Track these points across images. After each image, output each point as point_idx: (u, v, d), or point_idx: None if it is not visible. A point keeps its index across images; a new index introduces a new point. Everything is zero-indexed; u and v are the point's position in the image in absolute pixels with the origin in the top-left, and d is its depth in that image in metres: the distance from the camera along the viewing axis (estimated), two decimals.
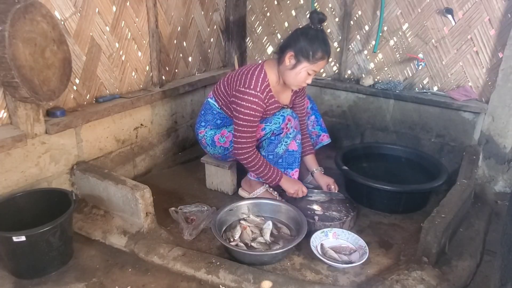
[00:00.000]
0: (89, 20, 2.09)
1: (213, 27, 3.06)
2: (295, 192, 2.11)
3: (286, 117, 2.02)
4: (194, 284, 1.68)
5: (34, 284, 1.65)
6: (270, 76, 2.00)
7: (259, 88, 1.94)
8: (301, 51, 1.89)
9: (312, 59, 1.89)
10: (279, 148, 2.07)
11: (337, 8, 2.85)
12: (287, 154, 2.11)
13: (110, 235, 1.92)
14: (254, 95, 1.92)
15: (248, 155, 2.00)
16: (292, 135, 2.06)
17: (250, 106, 1.92)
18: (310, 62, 1.90)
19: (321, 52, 1.89)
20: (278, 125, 2.02)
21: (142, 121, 2.51)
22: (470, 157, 2.36)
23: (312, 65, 1.91)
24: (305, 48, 1.88)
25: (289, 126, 2.03)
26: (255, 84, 1.94)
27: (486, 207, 2.29)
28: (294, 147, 2.11)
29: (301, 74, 1.93)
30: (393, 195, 2.19)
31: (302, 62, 1.90)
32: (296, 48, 1.90)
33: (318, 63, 1.91)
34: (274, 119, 2.03)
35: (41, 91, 1.72)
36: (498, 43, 2.38)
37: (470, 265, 1.81)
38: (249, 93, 1.92)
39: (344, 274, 1.74)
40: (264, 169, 2.04)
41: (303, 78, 1.95)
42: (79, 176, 2.08)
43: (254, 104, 1.92)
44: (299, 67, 1.92)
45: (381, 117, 2.84)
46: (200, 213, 2.09)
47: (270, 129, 2.03)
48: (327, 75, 3.06)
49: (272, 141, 2.07)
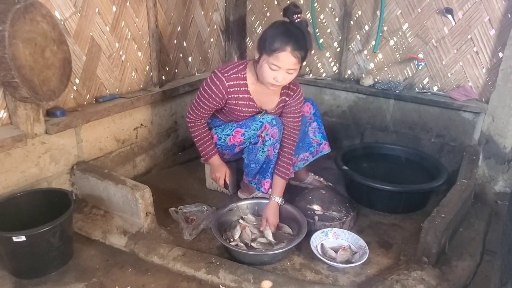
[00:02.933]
0: (89, 20, 2.09)
1: (213, 27, 3.06)
2: (214, 179, 2.16)
3: (264, 124, 1.97)
4: (194, 284, 1.68)
5: (34, 284, 1.65)
6: (249, 72, 1.96)
7: (227, 75, 1.91)
8: (261, 43, 1.80)
9: (268, 50, 1.74)
10: (259, 155, 2.03)
11: (337, 8, 2.85)
12: (267, 161, 2.04)
13: (110, 235, 1.92)
14: (219, 78, 1.91)
15: (193, 125, 2.07)
16: (268, 143, 1.98)
17: (210, 85, 1.92)
18: (268, 53, 1.75)
19: (279, 42, 1.71)
20: (255, 131, 1.99)
21: (142, 121, 2.51)
22: (470, 157, 2.36)
23: (270, 57, 1.75)
24: (264, 39, 1.78)
25: (264, 135, 1.97)
26: (227, 70, 1.93)
27: (486, 207, 2.28)
28: (271, 155, 2.02)
29: (263, 67, 1.80)
30: (393, 195, 2.19)
31: (262, 54, 1.80)
32: (259, 41, 1.83)
33: (276, 55, 1.73)
34: (253, 124, 1.99)
35: (41, 91, 1.72)
36: (498, 43, 2.38)
37: (470, 265, 1.81)
38: (217, 75, 1.92)
39: (344, 274, 1.74)
40: (202, 144, 2.10)
41: (267, 73, 1.80)
42: (79, 176, 2.08)
43: (214, 85, 1.91)
44: (261, 60, 1.81)
45: (381, 117, 2.85)
46: (200, 213, 2.09)
47: (248, 135, 2.01)
48: (327, 75, 3.06)
49: (250, 151, 2.07)
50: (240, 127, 2.04)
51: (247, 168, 2.14)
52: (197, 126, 2.07)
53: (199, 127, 2.08)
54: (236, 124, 2.06)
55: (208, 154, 2.11)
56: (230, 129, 2.08)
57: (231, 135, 2.07)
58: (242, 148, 2.12)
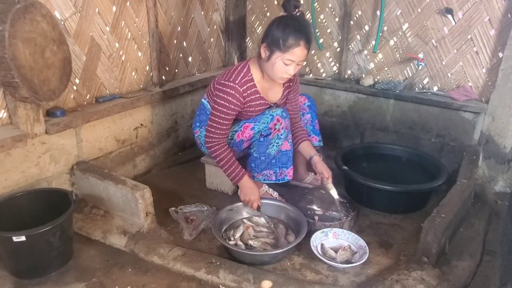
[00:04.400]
0: (89, 20, 2.09)
1: (213, 27, 3.06)
2: (246, 202, 2.04)
3: (275, 117, 1.97)
4: (194, 284, 1.68)
5: (34, 284, 1.65)
6: (254, 71, 1.98)
7: (238, 81, 1.92)
8: (272, 41, 1.83)
9: (283, 47, 1.80)
10: (270, 149, 2.03)
11: (337, 8, 2.85)
12: (280, 155, 2.08)
13: (110, 235, 1.92)
14: (232, 87, 1.91)
15: (216, 147, 1.98)
16: (283, 136, 2.01)
17: (226, 98, 1.91)
18: (282, 50, 1.81)
19: (293, 39, 1.79)
20: (266, 124, 1.98)
21: (142, 121, 2.51)
22: (470, 157, 2.36)
23: (285, 54, 1.81)
24: (276, 36, 1.81)
25: (278, 127, 1.98)
26: (235, 77, 1.93)
27: (486, 207, 2.29)
28: (287, 147, 2.07)
29: (276, 64, 1.85)
30: (393, 195, 2.19)
31: (274, 52, 1.83)
32: (268, 39, 1.85)
33: (291, 51, 1.81)
34: (262, 118, 2.00)
35: (41, 91, 1.72)
36: (498, 43, 2.38)
37: (470, 265, 1.81)
38: (227, 85, 1.92)
39: (344, 274, 1.74)
40: (229, 167, 2.00)
41: (281, 69, 1.86)
42: (79, 176, 2.08)
43: (230, 96, 1.91)
44: (273, 58, 1.85)
45: (381, 117, 2.84)
46: (200, 213, 2.09)
47: (258, 128, 2.00)
48: (327, 75, 3.06)
49: (261, 143, 2.04)
50: (249, 122, 2.03)
51: (255, 162, 2.10)
52: (220, 148, 1.98)
53: (223, 148, 1.99)
54: (244, 119, 2.07)
55: (238, 176, 2.02)
56: (238, 125, 2.06)
57: (239, 131, 2.05)
58: (250, 143, 2.10)
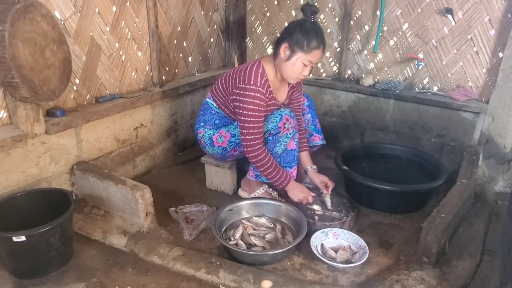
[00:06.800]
0: (89, 20, 2.09)
1: (213, 27, 3.07)
2: (300, 201, 2.08)
3: (284, 116, 2.00)
4: (194, 284, 1.68)
5: (34, 284, 1.65)
6: (268, 71, 2.01)
7: (259, 83, 1.94)
8: (295, 41, 1.89)
9: (306, 48, 1.89)
10: (278, 148, 2.05)
11: (337, 8, 2.85)
12: (285, 153, 2.10)
13: (110, 235, 1.92)
14: (255, 90, 1.92)
15: (257, 152, 1.96)
16: (291, 134, 2.05)
17: (253, 102, 1.91)
18: (305, 51, 1.89)
19: (316, 42, 1.89)
20: (275, 123, 2.00)
21: (142, 121, 2.51)
22: (470, 157, 2.36)
23: (307, 55, 1.90)
24: (299, 38, 1.88)
25: (288, 126, 2.01)
26: (255, 79, 1.94)
27: (486, 207, 2.29)
28: (292, 146, 2.10)
29: (296, 65, 1.93)
30: (393, 195, 2.19)
31: (296, 52, 1.90)
32: (290, 39, 1.90)
33: (313, 53, 1.90)
34: (271, 117, 2.02)
35: (41, 91, 1.72)
36: (498, 43, 2.38)
37: (470, 265, 1.81)
38: (250, 88, 1.92)
39: (344, 274, 1.74)
40: (273, 170, 2.00)
41: (299, 69, 1.94)
42: (79, 176, 2.08)
43: (256, 99, 1.92)
44: (294, 58, 1.92)
45: (381, 117, 2.85)
46: (200, 213, 2.09)
47: (267, 128, 2.01)
48: (327, 75, 3.06)
49: (269, 141, 2.05)
50: None
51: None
52: (262, 153, 1.97)
53: (264, 153, 1.97)
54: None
55: (287, 179, 2.03)
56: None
57: None
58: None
